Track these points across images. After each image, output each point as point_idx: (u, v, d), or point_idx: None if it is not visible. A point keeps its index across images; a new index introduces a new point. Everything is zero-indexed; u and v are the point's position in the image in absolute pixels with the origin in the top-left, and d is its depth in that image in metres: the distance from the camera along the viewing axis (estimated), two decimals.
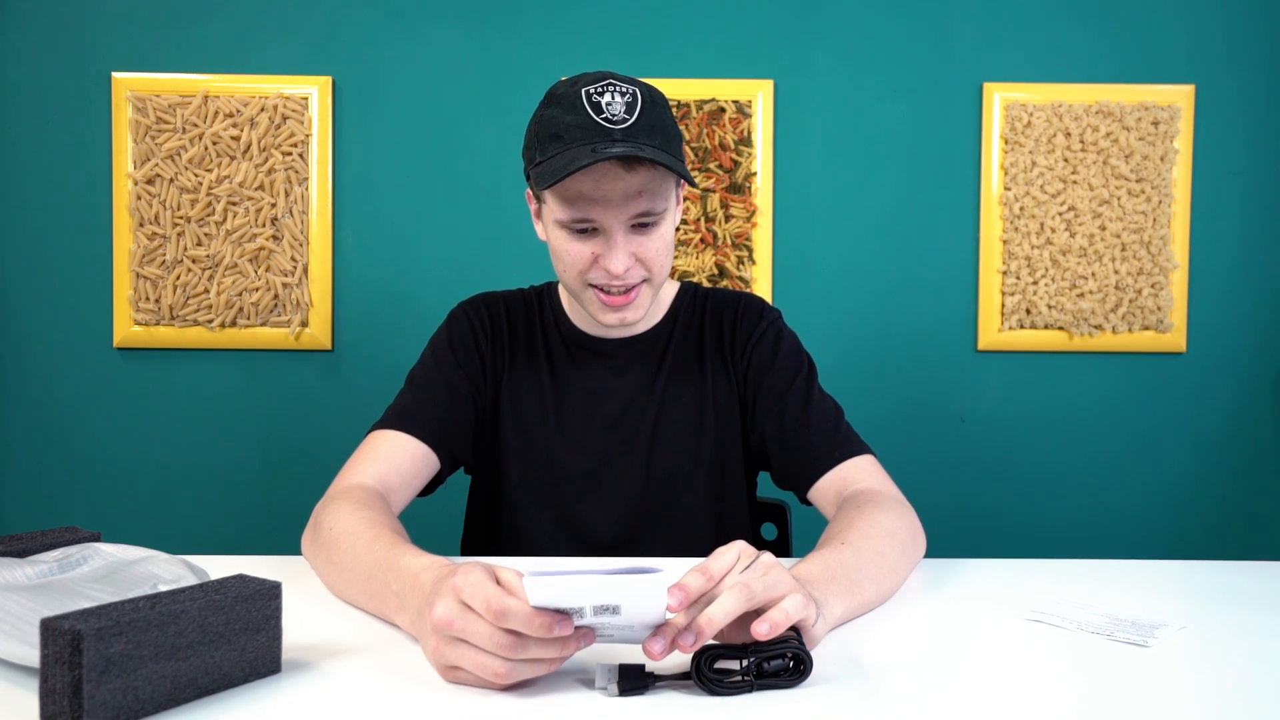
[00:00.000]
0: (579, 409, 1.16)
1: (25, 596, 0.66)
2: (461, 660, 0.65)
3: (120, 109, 2.05)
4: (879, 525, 0.92)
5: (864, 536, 0.89)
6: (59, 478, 2.10)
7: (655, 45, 2.11)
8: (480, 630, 0.63)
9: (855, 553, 0.85)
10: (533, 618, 0.62)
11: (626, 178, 0.98)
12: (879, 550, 0.88)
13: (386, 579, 0.79)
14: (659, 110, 1.01)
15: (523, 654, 0.63)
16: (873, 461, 1.09)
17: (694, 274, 2.11)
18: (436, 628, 0.65)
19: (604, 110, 0.97)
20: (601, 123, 0.97)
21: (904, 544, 0.93)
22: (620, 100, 0.98)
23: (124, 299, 2.06)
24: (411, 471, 1.07)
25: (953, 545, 2.12)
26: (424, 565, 0.76)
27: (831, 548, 0.86)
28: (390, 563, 0.79)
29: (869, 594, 0.84)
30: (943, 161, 2.13)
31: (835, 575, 0.80)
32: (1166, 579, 0.99)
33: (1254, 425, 2.16)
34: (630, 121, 0.97)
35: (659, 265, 1.06)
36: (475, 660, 0.64)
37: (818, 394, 1.15)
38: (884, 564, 0.88)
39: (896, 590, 0.91)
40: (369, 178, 2.10)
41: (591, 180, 0.98)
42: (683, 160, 1.04)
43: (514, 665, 0.64)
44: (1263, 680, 0.70)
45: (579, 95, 0.99)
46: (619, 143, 0.96)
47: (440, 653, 0.66)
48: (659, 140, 0.99)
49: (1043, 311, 2.11)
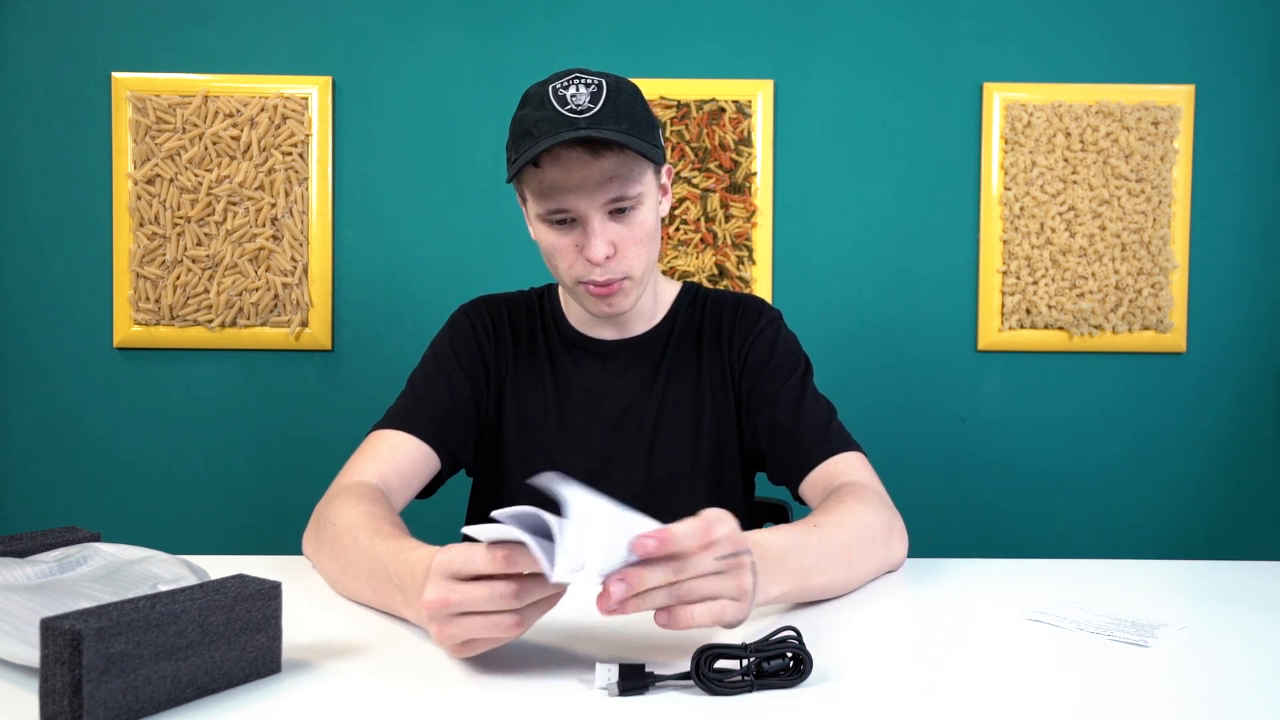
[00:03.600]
0: (580, 410, 1.17)
1: (25, 596, 0.66)
2: (469, 631, 0.66)
3: (120, 109, 2.05)
4: (855, 516, 0.93)
5: (836, 524, 0.90)
6: (59, 478, 2.10)
7: (655, 45, 2.11)
8: (477, 594, 0.65)
9: (821, 539, 0.86)
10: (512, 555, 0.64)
11: (595, 163, 0.99)
12: (845, 543, 0.89)
13: (389, 573, 0.79)
14: (625, 97, 1.02)
15: (525, 599, 0.65)
16: (862, 459, 1.09)
17: (694, 274, 2.11)
18: (432, 611, 0.66)
19: (569, 102, 0.99)
20: (566, 114, 0.98)
21: (874, 539, 0.94)
22: (585, 91, 1.00)
23: (124, 299, 2.06)
24: (412, 471, 1.08)
25: (953, 545, 2.12)
26: (422, 556, 0.76)
27: (803, 528, 0.86)
28: (391, 556, 0.80)
29: (816, 583, 0.85)
30: (943, 161, 2.13)
31: (790, 558, 0.81)
32: (1166, 579, 0.99)
33: (1254, 425, 2.16)
34: (595, 109, 0.99)
35: (637, 254, 1.05)
36: (482, 624, 0.66)
37: (811, 392, 1.15)
38: (845, 556, 0.89)
39: (854, 585, 0.92)
40: (369, 178, 2.10)
41: (560, 169, 0.99)
42: (657, 145, 1.04)
43: (521, 613, 0.66)
44: (1263, 680, 0.70)
45: (546, 92, 1.00)
46: (583, 130, 0.97)
47: (445, 634, 0.67)
48: (625, 125, 0.99)
49: (1043, 311, 2.11)
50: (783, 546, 0.81)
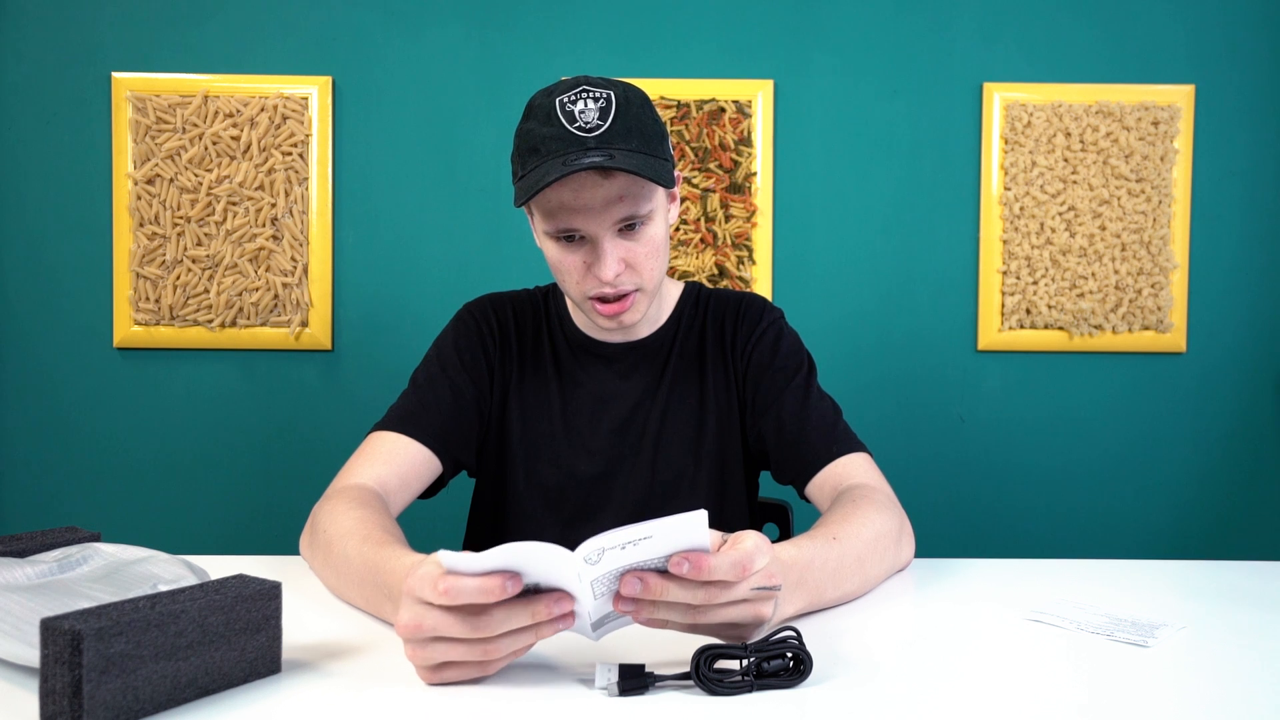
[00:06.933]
0: (586, 413, 1.16)
1: (25, 596, 0.66)
2: (442, 655, 0.65)
3: (120, 109, 2.05)
4: (870, 526, 0.93)
5: (854, 535, 0.90)
6: (59, 478, 2.10)
7: (655, 45, 2.11)
8: (445, 621, 0.63)
9: (840, 553, 0.86)
10: (482, 585, 0.62)
11: (605, 185, 0.97)
12: (861, 555, 0.89)
13: (379, 581, 0.79)
14: (635, 110, 0.99)
15: (495, 628, 0.63)
16: (868, 460, 1.09)
17: (694, 274, 2.10)
18: (405, 635, 0.64)
19: (577, 119, 0.96)
20: (575, 132, 0.95)
21: (887, 548, 0.94)
22: (594, 106, 0.97)
23: (124, 299, 2.06)
24: (412, 474, 1.07)
25: (953, 545, 2.12)
26: (409, 565, 0.75)
27: (824, 542, 0.86)
28: (380, 563, 0.80)
29: (829, 596, 0.86)
30: (943, 161, 2.13)
31: (809, 575, 0.81)
32: (1166, 579, 0.99)
33: (1254, 425, 2.16)
34: (604, 127, 0.96)
35: (649, 268, 1.04)
36: (453, 653, 0.64)
37: (816, 392, 1.15)
38: (860, 568, 0.89)
39: (865, 592, 0.92)
40: (369, 178, 2.10)
41: (570, 190, 0.97)
42: (666, 158, 1.02)
43: (492, 644, 0.64)
44: (1263, 680, 0.70)
45: (553, 105, 0.97)
46: (592, 150, 0.95)
47: (417, 657, 0.65)
48: (635, 143, 0.97)
49: (1043, 311, 2.11)
50: (804, 564, 0.81)
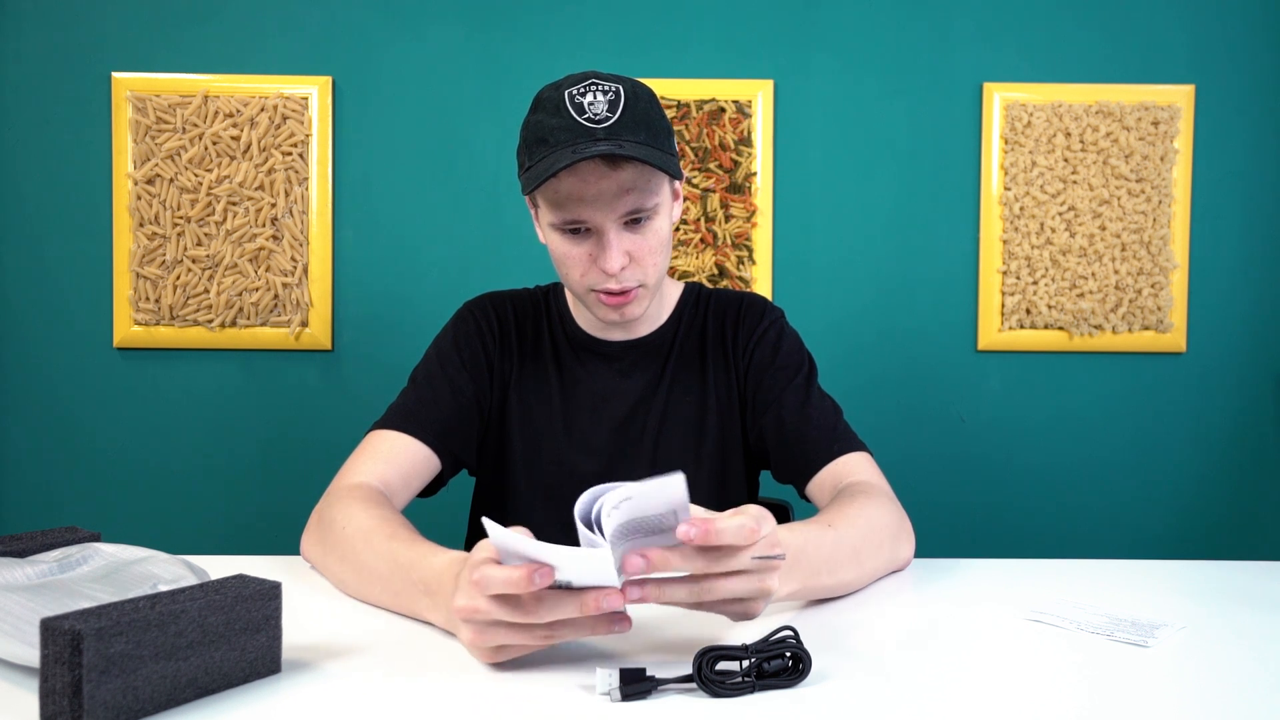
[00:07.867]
0: (586, 412, 1.16)
1: (25, 596, 0.66)
2: (500, 639, 0.68)
3: (120, 109, 2.05)
4: (866, 517, 0.93)
5: (849, 524, 0.90)
6: (59, 478, 2.10)
7: (655, 45, 2.11)
8: (496, 607, 0.66)
9: (835, 539, 0.87)
10: (509, 576, 0.64)
11: (613, 175, 0.97)
12: (856, 544, 0.89)
13: (413, 578, 0.80)
14: (643, 105, 1.00)
15: (543, 616, 0.66)
16: (869, 459, 1.10)
17: (694, 274, 2.10)
18: (463, 618, 0.68)
19: (586, 110, 0.97)
20: (584, 123, 0.97)
21: (884, 541, 0.94)
22: (603, 99, 0.98)
23: (124, 299, 2.06)
24: (412, 473, 1.08)
25: (953, 545, 2.12)
26: (448, 561, 0.78)
27: (818, 527, 0.87)
28: (415, 560, 0.81)
29: (825, 583, 0.86)
30: (943, 161, 2.13)
31: (804, 557, 0.81)
32: (1166, 579, 0.99)
33: (1254, 425, 2.16)
34: (613, 119, 0.97)
35: (653, 263, 1.05)
36: (510, 636, 0.68)
37: (817, 392, 1.15)
38: (856, 557, 0.89)
39: (861, 585, 0.92)
40: (369, 178, 2.10)
41: (578, 180, 0.98)
42: (673, 153, 1.04)
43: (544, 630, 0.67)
44: (1263, 680, 0.70)
45: (562, 98, 0.99)
46: (601, 141, 0.96)
47: (477, 641, 0.68)
48: (643, 135, 0.98)
49: (1043, 311, 2.11)
50: (799, 545, 0.81)
